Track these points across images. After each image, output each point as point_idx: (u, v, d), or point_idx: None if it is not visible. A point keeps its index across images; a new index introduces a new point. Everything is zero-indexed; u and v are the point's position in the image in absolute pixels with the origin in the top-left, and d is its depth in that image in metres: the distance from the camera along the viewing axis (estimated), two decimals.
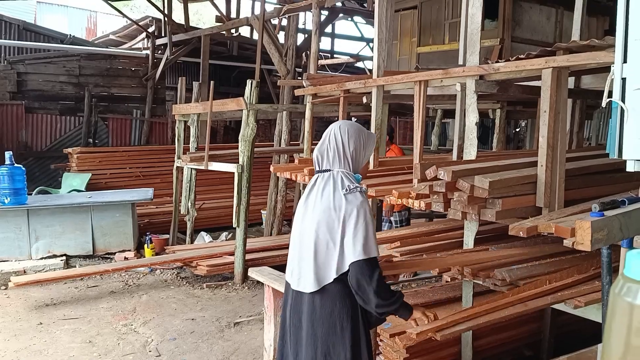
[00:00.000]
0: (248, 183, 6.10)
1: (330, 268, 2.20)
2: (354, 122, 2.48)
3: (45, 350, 4.29)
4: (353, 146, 2.31)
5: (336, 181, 2.26)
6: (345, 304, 2.22)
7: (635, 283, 0.75)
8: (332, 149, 2.31)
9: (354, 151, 2.32)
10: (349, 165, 2.31)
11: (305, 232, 2.29)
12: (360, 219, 2.15)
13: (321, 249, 2.22)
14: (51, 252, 6.70)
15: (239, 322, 4.91)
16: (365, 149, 2.37)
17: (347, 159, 2.30)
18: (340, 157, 2.30)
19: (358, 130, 2.37)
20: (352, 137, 2.32)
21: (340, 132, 2.33)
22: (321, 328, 2.25)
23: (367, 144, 2.38)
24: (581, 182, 3.48)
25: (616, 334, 0.77)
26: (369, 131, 2.47)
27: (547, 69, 3.15)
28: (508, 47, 7.58)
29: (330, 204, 2.21)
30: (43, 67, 11.49)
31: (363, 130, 2.41)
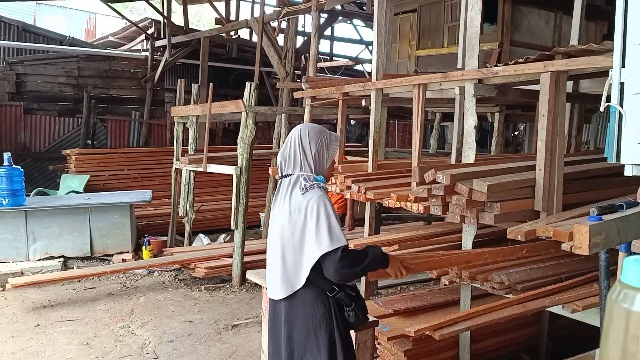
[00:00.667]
0: (246, 185, 6.10)
1: (299, 272, 2.19)
2: (314, 124, 2.48)
3: (42, 352, 4.27)
4: (315, 148, 2.30)
5: (296, 184, 2.26)
6: (318, 308, 2.20)
7: (632, 289, 0.75)
8: (293, 153, 2.30)
9: (316, 153, 2.30)
10: (310, 168, 2.29)
11: (271, 239, 2.31)
12: (320, 213, 2.14)
13: (288, 254, 2.21)
14: (49, 254, 6.69)
15: (236, 324, 4.90)
16: (328, 149, 2.35)
17: (309, 162, 2.29)
18: (301, 160, 2.29)
19: (319, 132, 2.36)
20: (312, 139, 2.31)
21: (301, 136, 2.32)
22: (297, 333, 2.24)
23: (330, 144, 2.36)
24: (579, 186, 3.49)
25: (613, 340, 0.77)
26: (332, 132, 2.44)
27: (545, 73, 3.15)
28: (507, 51, 7.59)
29: (291, 207, 2.22)
30: (42, 68, 11.48)
31: (324, 131, 2.39)
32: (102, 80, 12.13)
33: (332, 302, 2.21)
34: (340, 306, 2.23)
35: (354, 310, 2.26)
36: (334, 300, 2.21)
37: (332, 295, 2.21)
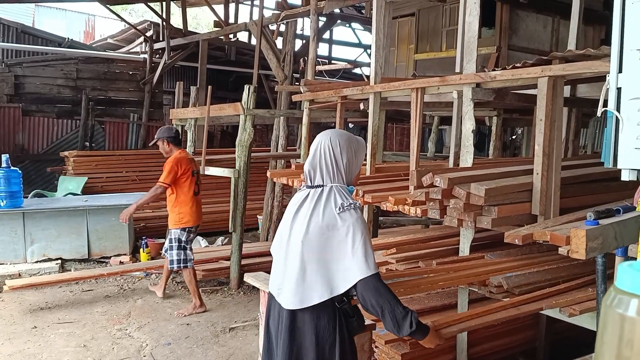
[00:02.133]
0: (244, 188, 6.10)
1: (315, 289, 2.14)
2: (341, 130, 2.41)
3: (40, 354, 4.27)
4: (346, 158, 2.22)
5: (329, 198, 2.18)
6: (329, 319, 2.19)
7: (627, 295, 0.76)
8: (324, 163, 2.22)
9: (347, 162, 2.23)
10: (343, 178, 2.23)
11: (292, 248, 2.22)
12: (357, 236, 2.09)
13: (309, 268, 2.15)
14: (46, 256, 6.68)
15: (234, 327, 4.90)
16: (357, 157, 2.29)
17: (341, 172, 2.22)
18: (334, 170, 2.21)
19: (348, 140, 2.27)
20: (344, 148, 2.23)
21: (332, 144, 2.23)
22: (306, 342, 2.21)
23: (358, 152, 2.30)
24: (576, 190, 3.50)
25: (608, 345, 0.78)
26: (358, 137, 2.35)
27: (543, 78, 3.17)
28: (505, 55, 7.62)
29: (323, 223, 2.14)
30: (41, 70, 11.49)
31: (352, 138, 2.31)
32: (100, 83, 12.14)
33: (339, 313, 2.20)
34: (345, 316, 2.23)
35: (358, 321, 2.27)
36: (340, 310, 2.21)
37: (340, 306, 2.20)
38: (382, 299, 2.10)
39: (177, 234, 5.25)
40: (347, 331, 2.23)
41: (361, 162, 2.34)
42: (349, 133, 2.34)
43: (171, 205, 5.31)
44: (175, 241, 5.25)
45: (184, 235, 5.25)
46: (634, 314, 0.75)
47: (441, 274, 3.16)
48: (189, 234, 5.30)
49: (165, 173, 5.17)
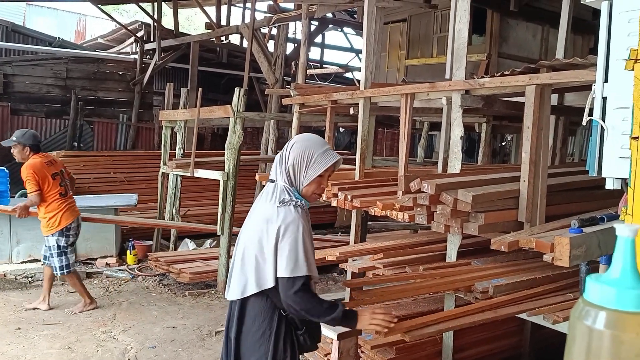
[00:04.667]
0: (233, 191, 6.08)
1: (251, 280, 2.13)
2: (314, 139, 2.27)
3: (23, 356, 4.22)
4: (291, 161, 2.18)
5: (275, 193, 2.18)
6: (268, 322, 2.16)
7: (595, 307, 0.76)
8: (277, 159, 2.24)
9: (291, 167, 2.18)
10: (287, 180, 2.19)
11: (239, 240, 2.26)
12: (287, 234, 2.05)
13: (247, 258, 2.15)
14: (32, 256, 6.60)
15: (220, 330, 4.87)
16: (307, 169, 2.18)
17: (284, 173, 2.19)
18: (280, 169, 2.20)
19: (307, 148, 2.19)
20: (294, 151, 2.19)
21: (289, 144, 2.25)
22: (245, 339, 2.20)
23: (312, 164, 2.18)
24: (562, 198, 3.53)
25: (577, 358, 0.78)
26: (328, 153, 2.22)
27: (530, 86, 3.19)
28: (495, 63, 7.67)
29: (263, 215, 2.15)
30: (30, 69, 11.40)
31: (315, 149, 2.20)
32: (90, 82, 12.06)
33: (284, 321, 2.16)
34: (292, 326, 2.19)
35: (304, 335, 2.21)
36: (286, 319, 2.17)
37: (285, 314, 2.16)
38: (300, 304, 2.05)
39: (54, 240, 5.02)
40: (289, 341, 2.18)
41: (311, 178, 2.19)
42: (318, 144, 2.24)
43: (42, 213, 5.03)
44: (55, 248, 5.02)
45: (62, 240, 5.03)
46: (601, 327, 0.75)
47: (428, 279, 3.17)
48: (68, 237, 5.07)
49: (27, 183, 4.90)
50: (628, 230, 0.76)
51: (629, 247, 0.77)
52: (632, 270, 0.77)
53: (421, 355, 3.64)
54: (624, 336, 0.75)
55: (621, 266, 0.78)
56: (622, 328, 0.75)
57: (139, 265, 6.80)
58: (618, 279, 0.78)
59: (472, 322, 2.71)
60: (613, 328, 0.75)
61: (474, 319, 2.71)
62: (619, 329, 0.75)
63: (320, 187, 2.24)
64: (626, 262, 0.78)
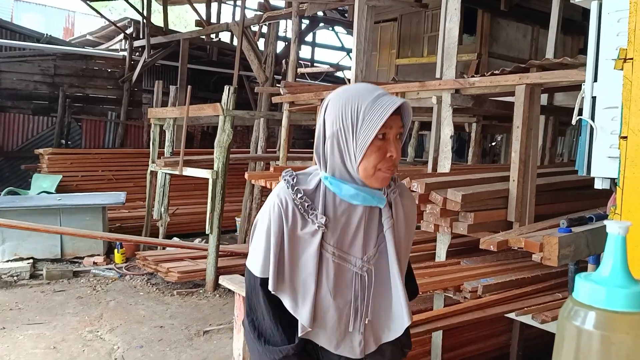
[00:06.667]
0: (222, 189, 6.04)
1: None
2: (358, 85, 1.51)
3: (7, 356, 4.16)
4: (330, 132, 1.45)
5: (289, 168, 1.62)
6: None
7: (584, 307, 0.75)
8: (316, 143, 1.52)
9: (335, 140, 1.44)
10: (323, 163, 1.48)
11: None
12: (260, 214, 1.57)
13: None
14: (18, 255, 6.53)
15: (208, 330, 4.84)
16: (355, 135, 1.42)
17: (324, 154, 1.47)
18: (316, 150, 1.51)
19: (346, 103, 1.43)
20: (330, 116, 1.45)
21: (322, 110, 1.50)
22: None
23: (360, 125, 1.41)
24: (551, 197, 3.53)
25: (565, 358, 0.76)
26: (382, 100, 1.41)
27: (520, 85, 3.19)
28: (485, 62, 7.69)
29: None
30: (17, 66, 11.26)
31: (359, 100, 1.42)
32: (78, 80, 11.94)
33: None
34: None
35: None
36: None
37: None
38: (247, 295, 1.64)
39: None
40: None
41: (366, 145, 1.41)
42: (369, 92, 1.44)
43: None
44: None
45: None
46: (591, 327, 0.74)
47: (417, 279, 3.16)
48: None
49: None
50: (618, 227, 0.75)
51: (620, 244, 0.75)
52: (622, 268, 0.75)
53: (410, 355, 3.61)
54: (613, 337, 0.73)
55: (611, 264, 0.77)
56: (612, 328, 0.74)
57: (126, 264, 6.74)
58: (608, 278, 0.77)
59: (461, 322, 2.71)
60: (603, 328, 0.74)
61: (462, 319, 2.70)
62: (609, 330, 0.74)
63: (386, 156, 1.44)
64: (616, 261, 0.76)
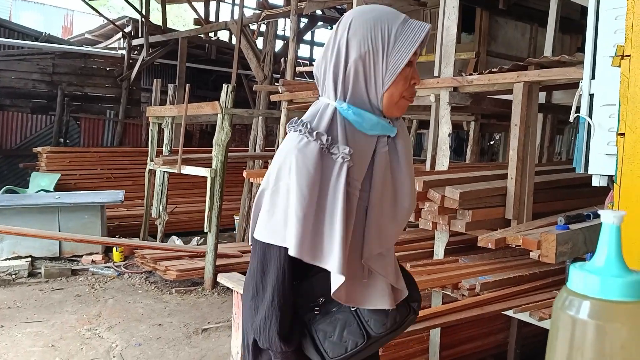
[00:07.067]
0: (221, 188, 6.04)
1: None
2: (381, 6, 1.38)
3: (5, 354, 4.16)
4: (357, 54, 1.27)
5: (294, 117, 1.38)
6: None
7: (578, 297, 0.75)
8: (323, 61, 1.34)
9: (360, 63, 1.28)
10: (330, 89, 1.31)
11: None
12: (271, 176, 1.30)
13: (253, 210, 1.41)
14: (16, 253, 6.53)
15: (206, 328, 4.84)
16: (385, 57, 1.28)
17: (334, 78, 1.30)
18: (328, 76, 1.31)
19: (376, 23, 1.28)
20: (356, 35, 1.28)
21: (340, 28, 1.31)
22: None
23: (392, 47, 1.28)
24: (549, 195, 3.54)
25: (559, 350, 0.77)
26: (411, 23, 1.31)
27: (518, 83, 3.20)
28: (484, 61, 7.68)
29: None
30: (16, 64, 11.23)
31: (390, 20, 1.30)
32: (77, 78, 11.92)
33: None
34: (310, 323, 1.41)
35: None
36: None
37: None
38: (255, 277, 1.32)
39: None
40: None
41: (398, 70, 1.30)
42: (396, 14, 1.33)
43: None
44: None
45: None
46: (585, 317, 0.74)
47: (415, 276, 3.16)
48: None
49: None
50: (613, 217, 0.75)
51: (614, 234, 0.76)
52: (617, 257, 0.76)
53: (408, 353, 3.63)
54: (608, 326, 0.74)
55: (606, 254, 0.77)
56: (607, 318, 0.74)
57: (125, 263, 6.73)
58: (602, 267, 0.77)
59: (459, 320, 2.71)
60: (597, 318, 0.74)
61: (460, 316, 2.71)
62: (604, 319, 0.74)
63: (411, 83, 1.36)
64: (611, 250, 0.76)
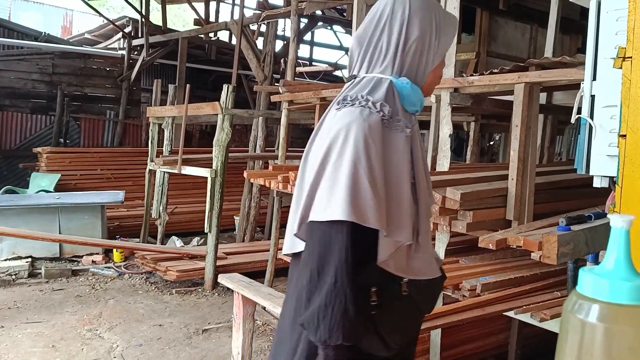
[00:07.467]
0: (221, 188, 6.04)
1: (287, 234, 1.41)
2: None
3: (6, 354, 4.16)
4: (418, 31, 1.30)
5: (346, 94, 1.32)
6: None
7: (588, 300, 0.76)
8: (370, 35, 1.33)
9: (418, 40, 1.31)
10: (395, 63, 1.31)
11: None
12: (333, 148, 1.21)
13: (294, 200, 1.37)
14: (16, 254, 6.52)
15: (207, 329, 4.84)
16: (439, 42, 1.36)
17: (397, 52, 1.30)
18: (383, 48, 1.31)
19: (429, 7, 1.35)
20: (417, 14, 1.31)
21: (396, 7, 1.32)
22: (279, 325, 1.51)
23: (443, 34, 1.36)
24: (550, 196, 3.54)
25: (569, 352, 0.77)
26: (448, 13, 1.44)
27: (519, 84, 3.20)
28: (484, 61, 7.68)
29: (315, 134, 1.35)
30: (15, 64, 11.23)
31: (438, 8, 1.39)
32: (76, 78, 11.92)
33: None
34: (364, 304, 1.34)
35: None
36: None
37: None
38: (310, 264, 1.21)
39: None
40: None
41: (444, 54, 1.43)
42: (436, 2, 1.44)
43: None
44: None
45: None
46: (594, 320, 0.75)
47: None
48: None
49: None
50: (622, 221, 0.76)
51: (623, 238, 0.76)
52: (625, 261, 0.76)
53: None
54: (616, 329, 0.75)
55: (615, 258, 0.78)
56: (615, 321, 0.75)
57: (125, 263, 6.73)
58: (611, 271, 0.78)
59: (459, 320, 2.71)
60: (606, 321, 0.75)
61: (461, 317, 2.71)
62: (612, 322, 0.75)
63: (441, 70, 1.46)
64: (620, 254, 0.77)
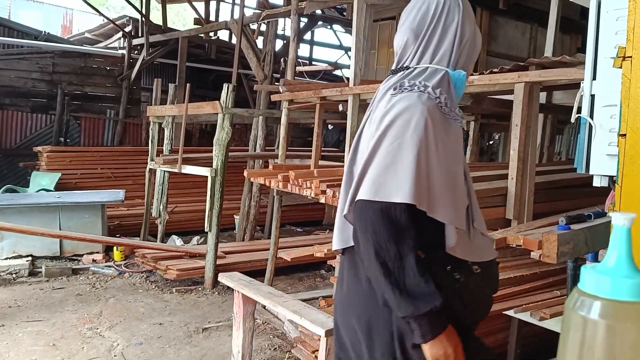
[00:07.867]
0: (221, 187, 6.05)
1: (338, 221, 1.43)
2: None
3: (6, 353, 4.16)
4: (468, 32, 1.38)
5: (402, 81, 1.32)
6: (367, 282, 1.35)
7: (590, 297, 0.76)
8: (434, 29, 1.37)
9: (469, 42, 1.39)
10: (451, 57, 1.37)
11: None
12: (391, 130, 1.21)
13: (343, 191, 1.38)
14: (16, 252, 6.53)
15: (207, 327, 4.85)
16: (476, 45, 1.46)
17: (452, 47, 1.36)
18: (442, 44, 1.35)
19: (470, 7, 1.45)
20: (468, 17, 1.40)
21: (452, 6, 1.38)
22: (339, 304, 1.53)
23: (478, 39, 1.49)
24: (550, 195, 3.55)
25: (570, 349, 0.78)
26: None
27: (519, 84, 3.20)
28: (484, 61, 7.70)
29: (369, 118, 1.36)
30: (15, 63, 11.23)
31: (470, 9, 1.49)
32: (77, 77, 11.92)
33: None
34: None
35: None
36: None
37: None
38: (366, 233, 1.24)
39: None
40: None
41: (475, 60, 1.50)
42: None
43: None
44: None
45: None
46: (596, 317, 0.76)
47: None
48: None
49: None
50: (623, 218, 0.77)
51: (625, 235, 0.77)
52: (627, 259, 0.77)
53: None
54: (618, 326, 0.75)
55: (616, 255, 0.79)
56: (617, 318, 0.76)
57: (125, 262, 6.74)
58: (613, 268, 0.79)
59: None
60: (608, 318, 0.76)
61: None
62: (614, 319, 0.76)
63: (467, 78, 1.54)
64: (621, 251, 0.78)
